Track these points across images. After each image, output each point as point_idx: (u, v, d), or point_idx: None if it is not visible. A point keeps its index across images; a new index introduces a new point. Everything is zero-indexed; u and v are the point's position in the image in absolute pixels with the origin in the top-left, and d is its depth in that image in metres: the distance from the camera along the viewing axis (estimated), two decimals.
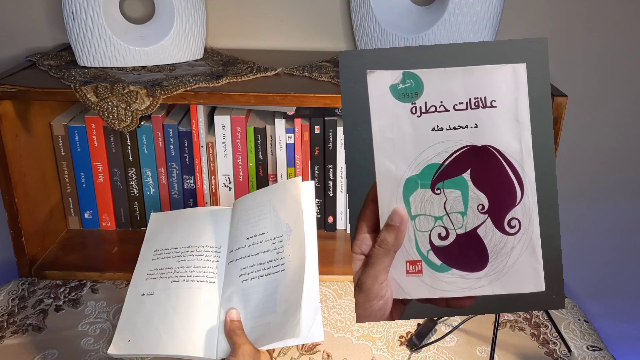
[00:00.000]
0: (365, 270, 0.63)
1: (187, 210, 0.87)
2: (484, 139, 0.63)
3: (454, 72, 0.63)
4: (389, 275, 0.64)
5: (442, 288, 0.64)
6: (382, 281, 0.63)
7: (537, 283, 0.64)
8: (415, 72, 0.63)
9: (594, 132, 1.22)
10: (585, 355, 0.87)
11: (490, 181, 0.63)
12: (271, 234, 0.76)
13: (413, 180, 0.63)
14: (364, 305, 0.64)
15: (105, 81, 0.92)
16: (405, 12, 1.03)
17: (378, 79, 0.63)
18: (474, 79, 0.63)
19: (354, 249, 0.64)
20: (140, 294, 0.75)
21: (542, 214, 0.64)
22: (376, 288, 0.63)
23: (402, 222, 0.63)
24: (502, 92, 0.63)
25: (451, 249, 0.64)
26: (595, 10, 1.13)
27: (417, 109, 0.63)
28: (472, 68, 0.63)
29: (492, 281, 0.64)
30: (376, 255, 0.63)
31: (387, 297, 0.64)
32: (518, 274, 0.64)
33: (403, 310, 0.65)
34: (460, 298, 0.64)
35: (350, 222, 0.65)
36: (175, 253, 0.79)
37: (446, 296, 0.64)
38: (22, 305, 0.95)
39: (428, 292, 0.64)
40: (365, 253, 0.63)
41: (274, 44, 1.18)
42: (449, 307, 0.65)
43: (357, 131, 0.63)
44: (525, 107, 0.63)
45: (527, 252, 0.64)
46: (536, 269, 0.64)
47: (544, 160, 0.63)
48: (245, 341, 0.68)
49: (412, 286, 0.64)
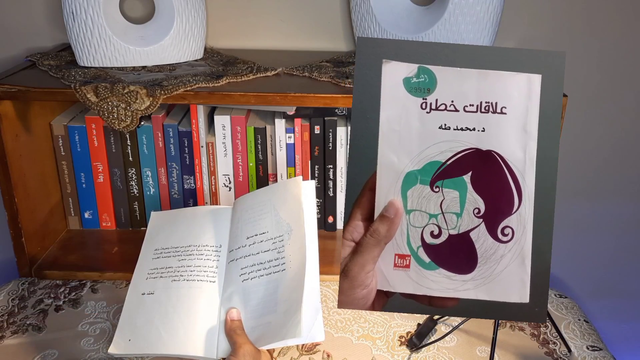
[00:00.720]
0: (354, 257, 0.63)
1: (187, 209, 0.87)
2: (489, 144, 0.63)
3: (469, 73, 0.63)
4: (376, 265, 0.64)
5: (427, 286, 0.64)
6: (368, 270, 0.63)
7: (522, 294, 0.64)
8: (430, 68, 0.63)
9: (594, 132, 1.22)
10: (585, 355, 0.87)
11: (489, 186, 0.63)
12: (272, 233, 0.76)
13: (413, 175, 0.64)
14: (347, 292, 0.64)
15: (105, 81, 0.92)
16: (405, 12, 1.03)
17: (393, 70, 0.63)
18: (487, 83, 0.63)
19: (345, 235, 0.64)
20: (140, 294, 0.75)
21: (536, 226, 0.64)
22: (362, 276, 0.63)
23: (396, 215, 0.63)
24: (513, 100, 0.63)
25: (442, 248, 0.64)
26: (595, 11, 1.13)
27: (428, 105, 0.63)
28: (488, 72, 0.63)
29: (477, 286, 0.64)
30: (366, 244, 0.63)
31: (372, 287, 0.64)
32: (504, 283, 0.64)
33: (385, 302, 0.66)
34: (444, 298, 0.65)
35: (345, 208, 0.65)
36: (176, 252, 0.79)
37: (430, 294, 0.65)
38: (22, 305, 0.95)
39: (413, 287, 0.65)
40: (355, 240, 0.64)
41: (274, 44, 1.18)
42: (431, 305, 0.65)
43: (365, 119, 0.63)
44: (535, 118, 0.63)
45: (517, 262, 0.64)
46: (523, 280, 0.64)
47: (545, 173, 0.63)
48: (245, 341, 0.68)
49: (397, 280, 0.64)
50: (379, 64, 0.63)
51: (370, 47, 0.63)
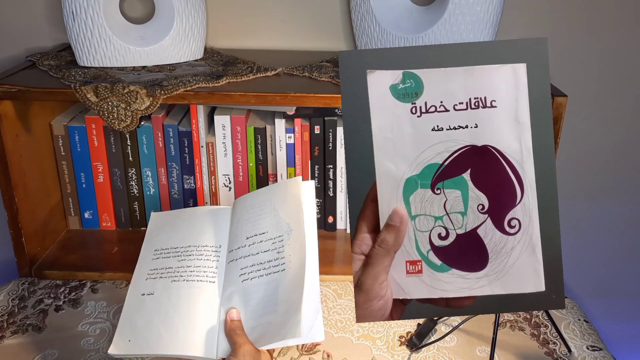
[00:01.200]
0: (365, 270, 0.63)
1: (187, 209, 0.87)
2: (484, 139, 0.63)
3: (454, 72, 0.63)
4: (389, 275, 0.64)
5: (441, 288, 0.64)
6: (382, 281, 0.63)
7: (537, 283, 0.64)
8: (415, 72, 0.63)
9: (594, 132, 1.22)
10: (585, 355, 0.87)
11: (490, 181, 0.63)
12: (271, 233, 0.76)
13: (413, 180, 0.63)
14: (364, 305, 0.64)
15: (105, 81, 0.92)
16: (405, 12, 1.03)
17: (378, 79, 0.63)
18: (474, 79, 0.63)
19: (354, 249, 0.63)
20: (140, 294, 0.75)
21: (542, 214, 0.64)
22: (376, 288, 0.63)
23: (402, 222, 0.63)
24: (502, 92, 0.63)
25: (451, 249, 0.64)
26: (595, 11, 1.13)
27: (417, 109, 0.63)
28: (472, 68, 0.63)
29: (492, 281, 0.64)
30: (376, 255, 0.63)
31: (387, 297, 0.64)
32: (518, 274, 0.64)
33: (403, 310, 0.65)
34: (460, 298, 0.65)
35: (350, 222, 0.65)
36: (176, 252, 0.79)
37: (446, 296, 0.64)
38: (22, 305, 0.95)
39: (428, 292, 0.64)
40: (365, 253, 0.63)
41: (274, 44, 1.18)
42: (448, 307, 0.65)
43: (357, 131, 0.63)
44: (525, 107, 0.63)
45: (527, 252, 0.64)
46: (536, 269, 0.64)
47: (544, 160, 0.63)
48: (245, 341, 0.68)
49: (412, 286, 0.64)
50: (364, 75, 0.63)
51: (353, 59, 0.63)
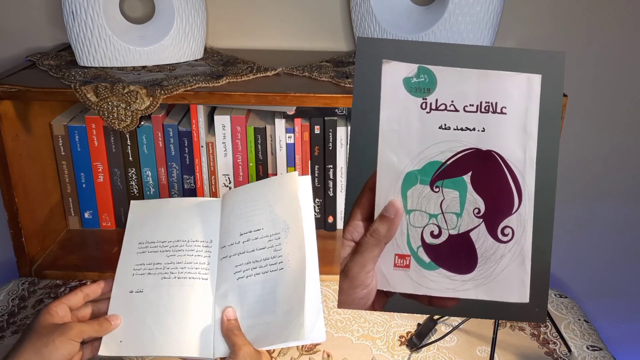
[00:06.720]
0: (354, 257, 0.64)
1: (171, 200, 0.84)
2: (489, 144, 0.63)
3: (469, 73, 0.63)
4: (376, 265, 0.64)
5: (427, 286, 0.65)
6: (368, 270, 0.63)
7: (522, 294, 0.64)
8: (430, 68, 0.63)
9: (594, 132, 1.22)
10: (585, 355, 0.87)
11: (489, 186, 0.64)
12: (267, 230, 0.74)
13: (413, 175, 0.64)
14: (347, 292, 0.64)
15: (105, 81, 0.92)
16: (405, 12, 1.03)
17: (393, 70, 0.63)
18: (487, 83, 0.63)
19: (346, 235, 0.64)
20: (128, 291, 0.72)
21: (536, 226, 0.64)
22: (362, 276, 0.63)
23: (396, 215, 0.63)
24: (513, 100, 0.63)
25: (442, 248, 0.64)
26: (595, 11, 1.13)
27: (427, 105, 0.63)
28: (488, 72, 0.63)
29: (477, 286, 0.64)
30: (366, 244, 0.63)
31: (372, 287, 0.64)
32: (504, 283, 0.64)
33: (385, 302, 0.66)
34: (444, 298, 0.65)
35: (345, 208, 0.65)
36: (163, 247, 0.76)
37: (430, 294, 0.65)
38: (22, 305, 0.95)
39: (413, 287, 0.65)
40: (356, 240, 0.64)
41: (274, 44, 1.18)
42: (431, 305, 0.65)
43: (365, 119, 0.63)
44: (535, 118, 0.63)
45: (517, 262, 0.64)
46: (523, 280, 0.64)
47: (545, 173, 0.63)
48: (245, 342, 0.67)
49: (397, 280, 0.65)
50: (379, 64, 0.63)
51: (371, 47, 0.63)
